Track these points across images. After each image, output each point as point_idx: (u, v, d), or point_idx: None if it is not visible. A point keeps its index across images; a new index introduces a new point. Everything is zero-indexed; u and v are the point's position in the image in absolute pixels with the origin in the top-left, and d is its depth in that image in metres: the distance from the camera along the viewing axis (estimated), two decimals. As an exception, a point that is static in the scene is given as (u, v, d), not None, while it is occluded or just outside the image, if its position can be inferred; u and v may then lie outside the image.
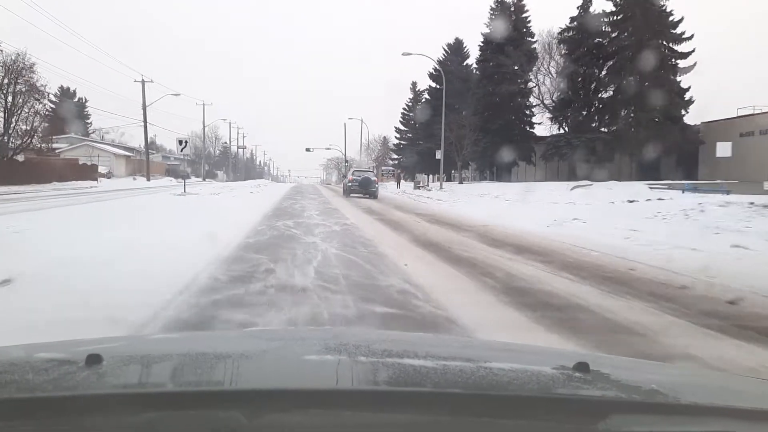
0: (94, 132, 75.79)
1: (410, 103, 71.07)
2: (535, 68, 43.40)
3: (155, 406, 0.99)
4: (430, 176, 51.76)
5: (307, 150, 79.16)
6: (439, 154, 38.65)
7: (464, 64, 53.07)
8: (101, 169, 51.88)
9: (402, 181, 53.27)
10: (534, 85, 44.14)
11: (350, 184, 30.58)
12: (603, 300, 5.44)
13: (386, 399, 1.06)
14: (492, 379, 1.28)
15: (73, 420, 0.97)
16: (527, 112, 44.35)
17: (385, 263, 7.42)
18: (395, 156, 73.14)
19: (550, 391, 1.20)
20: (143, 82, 48.40)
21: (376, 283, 6.04)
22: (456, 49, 53.33)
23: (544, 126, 44.10)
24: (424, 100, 56.16)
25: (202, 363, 1.35)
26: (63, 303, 4.33)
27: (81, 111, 70.88)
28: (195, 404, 1.01)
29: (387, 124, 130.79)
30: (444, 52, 53.46)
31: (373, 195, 29.34)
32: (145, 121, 49.55)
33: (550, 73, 43.30)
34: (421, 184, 46.38)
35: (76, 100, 72.11)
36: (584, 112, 38.29)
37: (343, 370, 1.29)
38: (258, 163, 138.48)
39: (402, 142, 70.54)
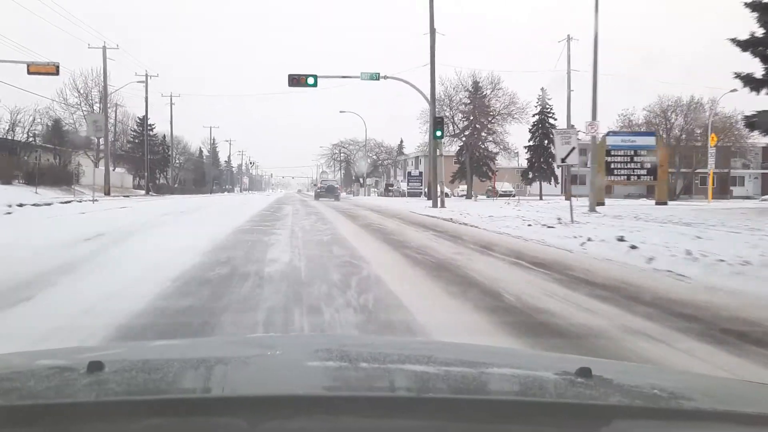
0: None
1: None
2: None
3: (157, 413, 0.98)
4: None
5: (292, 82, 24.71)
6: None
7: None
8: None
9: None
10: None
11: (319, 190, 42.48)
12: None
13: (389, 405, 1.06)
14: (494, 385, 1.29)
15: (75, 427, 0.96)
16: None
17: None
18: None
19: (552, 396, 1.20)
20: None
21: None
22: None
23: None
24: None
25: (204, 369, 1.37)
26: None
27: None
28: (197, 411, 1.00)
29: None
30: None
31: (336, 198, 39.43)
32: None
33: None
34: None
35: None
36: None
37: (346, 376, 1.30)
38: (224, 161, 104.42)
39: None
